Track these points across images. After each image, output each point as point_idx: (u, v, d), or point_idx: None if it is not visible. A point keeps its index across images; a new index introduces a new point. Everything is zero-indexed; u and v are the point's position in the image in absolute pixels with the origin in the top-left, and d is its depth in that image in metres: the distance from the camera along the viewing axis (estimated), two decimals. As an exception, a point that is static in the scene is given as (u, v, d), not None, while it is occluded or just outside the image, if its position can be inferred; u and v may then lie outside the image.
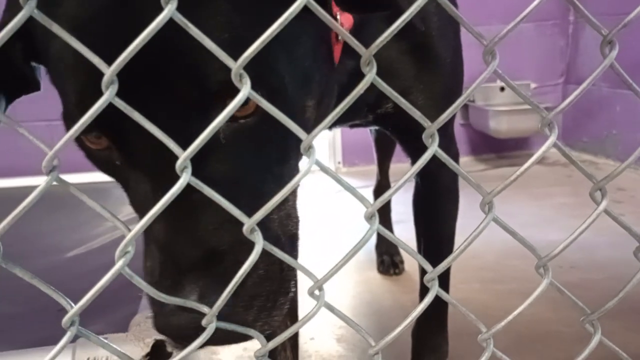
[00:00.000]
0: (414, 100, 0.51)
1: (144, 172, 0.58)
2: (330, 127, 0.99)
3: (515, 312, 0.60)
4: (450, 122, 1.12)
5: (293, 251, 0.65)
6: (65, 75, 0.57)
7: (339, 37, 0.78)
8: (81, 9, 0.56)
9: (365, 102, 0.96)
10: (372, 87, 0.51)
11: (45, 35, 0.59)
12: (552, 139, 0.54)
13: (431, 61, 0.97)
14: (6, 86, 0.69)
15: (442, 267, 0.56)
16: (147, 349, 0.93)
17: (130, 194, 0.62)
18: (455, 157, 1.15)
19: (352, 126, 1.11)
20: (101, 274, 0.45)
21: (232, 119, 0.55)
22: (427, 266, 0.57)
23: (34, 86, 0.71)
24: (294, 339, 1.20)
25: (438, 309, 1.21)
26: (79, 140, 0.60)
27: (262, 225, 0.49)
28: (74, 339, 0.53)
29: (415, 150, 1.06)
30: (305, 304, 0.71)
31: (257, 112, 0.57)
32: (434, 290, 0.56)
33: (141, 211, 0.60)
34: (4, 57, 0.62)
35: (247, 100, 0.55)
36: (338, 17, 0.78)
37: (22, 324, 1.53)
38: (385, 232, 0.53)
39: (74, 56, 0.53)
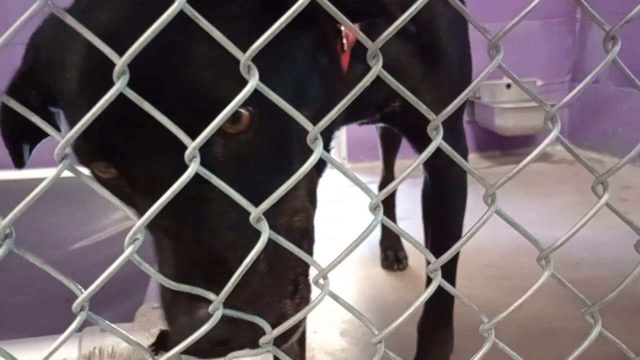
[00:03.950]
0: (421, 99, 0.51)
1: (149, 196, 0.59)
2: (338, 127, 1.00)
3: (517, 303, 0.61)
4: (458, 118, 1.12)
5: (305, 245, 0.67)
6: (75, 113, 0.61)
7: (345, 47, 0.79)
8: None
9: (373, 102, 0.97)
10: (379, 87, 0.53)
11: (59, 82, 0.63)
12: (554, 132, 0.55)
13: (439, 60, 0.98)
14: (28, 132, 0.77)
15: (445, 257, 0.57)
16: (153, 339, 0.94)
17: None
18: (464, 153, 1.16)
19: (360, 123, 1.12)
20: (107, 266, 0.45)
21: (227, 137, 0.58)
22: (430, 257, 0.58)
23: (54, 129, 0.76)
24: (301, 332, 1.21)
25: (444, 303, 1.22)
26: (91, 170, 0.63)
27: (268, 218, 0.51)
28: (80, 328, 0.54)
29: (423, 147, 1.07)
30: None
31: (251, 128, 0.58)
32: (437, 280, 0.57)
33: (153, 233, 0.62)
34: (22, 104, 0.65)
35: (239, 117, 0.57)
36: (342, 29, 0.79)
37: (29, 314, 1.54)
38: (389, 222, 0.54)
39: (81, 99, 0.58)
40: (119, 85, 0.43)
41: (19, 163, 0.81)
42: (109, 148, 0.58)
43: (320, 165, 0.76)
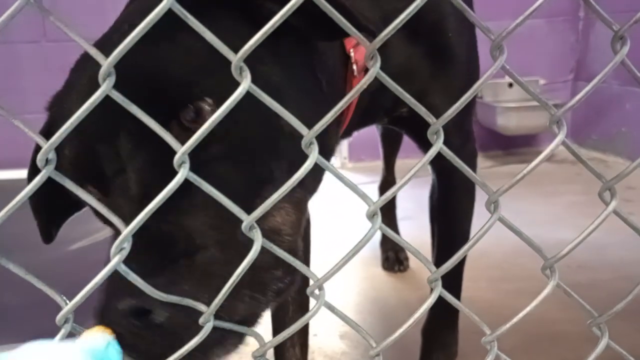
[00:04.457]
0: (431, 102, 0.50)
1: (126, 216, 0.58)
2: (350, 133, 1.00)
3: (521, 315, 0.59)
4: (466, 120, 1.10)
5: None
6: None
7: (355, 73, 0.79)
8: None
9: (382, 107, 0.97)
10: (388, 91, 0.51)
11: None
12: (560, 136, 0.53)
13: (448, 62, 0.97)
14: (57, 209, 0.81)
15: (445, 268, 0.55)
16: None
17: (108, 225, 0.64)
18: (472, 156, 1.14)
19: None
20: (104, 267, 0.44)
21: (185, 130, 0.57)
22: (431, 266, 0.56)
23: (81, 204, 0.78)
24: (304, 337, 1.19)
25: (449, 307, 1.20)
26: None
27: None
28: (74, 335, 0.53)
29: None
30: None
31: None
32: (437, 290, 0.55)
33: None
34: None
35: (200, 110, 0.57)
36: (352, 53, 0.79)
37: (25, 315, 1.53)
38: (388, 231, 0.52)
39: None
40: (105, 87, 0.41)
41: (48, 239, 0.84)
42: (91, 173, 0.59)
43: (317, 174, 0.74)
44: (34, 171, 0.78)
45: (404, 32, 0.47)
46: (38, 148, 0.77)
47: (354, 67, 0.79)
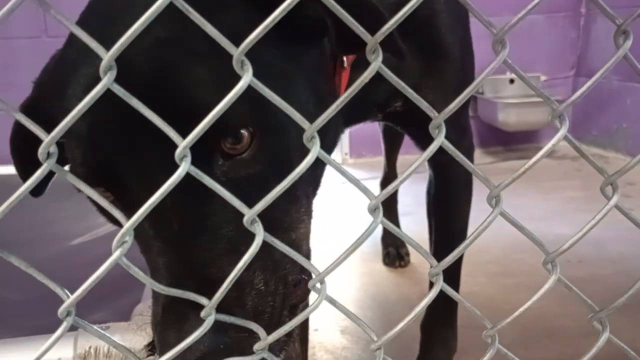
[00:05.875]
0: (423, 97, 0.49)
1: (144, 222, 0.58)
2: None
3: (521, 309, 0.59)
4: (462, 115, 1.10)
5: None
6: (73, 144, 0.60)
7: (345, 64, 0.79)
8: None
9: (374, 102, 0.96)
10: (380, 86, 0.51)
11: (63, 115, 0.62)
12: (562, 131, 0.53)
13: (440, 58, 0.97)
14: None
15: (446, 262, 0.55)
16: (150, 339, 0.93)
17: (138, 242, 0.63)
18: (469, 150, 1.14)
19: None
20: (105, 262, 0.44)
21: (228, 156, 0.57)
22: (432, 260, 0.56)
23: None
24: (304, 332, 1.19)
25: (448, 303, 1.21)
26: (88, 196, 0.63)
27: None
28: (76, 328, 0.53)
29: (427, 145, 1.06)
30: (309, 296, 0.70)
31: (251, 149, 0.58)
32: (439, 285, 0.55)
33: (147, 256, 0.62)
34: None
35: (241, 137, 0.57)
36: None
37: (27, 310, 1.53)
38: (389, 225, 0.52)
39: (78, 130, 0.57)
40: (106, 81, 0.41)
41: (35, 191, 0.82)
42: (106, 176, 0.59)
43: (318, 172, 0.74)
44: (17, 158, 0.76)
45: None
46: (15, 129, 0.75)
47: (344, 59, 0.78)
